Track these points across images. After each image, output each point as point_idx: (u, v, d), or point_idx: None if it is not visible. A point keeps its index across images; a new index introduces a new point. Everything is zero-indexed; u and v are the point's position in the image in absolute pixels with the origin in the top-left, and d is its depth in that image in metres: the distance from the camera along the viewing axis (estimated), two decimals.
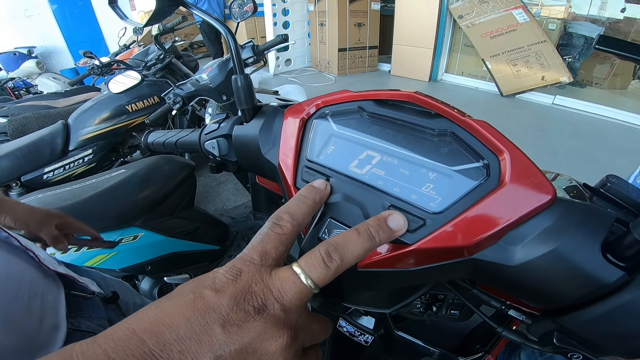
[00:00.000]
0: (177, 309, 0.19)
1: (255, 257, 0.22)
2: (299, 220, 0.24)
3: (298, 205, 0.25)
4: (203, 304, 0.19)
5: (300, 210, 0.25)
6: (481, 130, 0.24)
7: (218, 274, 0.21)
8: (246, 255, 0.22)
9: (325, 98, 0.33)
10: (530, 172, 0.22)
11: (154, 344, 0.17)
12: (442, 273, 0.26)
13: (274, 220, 0.24)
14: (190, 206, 1.35)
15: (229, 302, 0.20)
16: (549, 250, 0.21)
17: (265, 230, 0.24)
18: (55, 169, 1.71)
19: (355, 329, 0.59)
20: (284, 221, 0.24)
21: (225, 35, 0.38)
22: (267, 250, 0.22)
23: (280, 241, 0.23)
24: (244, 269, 0.21)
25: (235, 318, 0.19)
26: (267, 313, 0.20)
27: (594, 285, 0.20)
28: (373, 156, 0.28)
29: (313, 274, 0.21)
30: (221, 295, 0.20)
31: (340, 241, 0.22)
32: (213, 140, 0.43)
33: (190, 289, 0.21)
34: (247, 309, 0.20)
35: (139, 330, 0.18)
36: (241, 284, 0.21)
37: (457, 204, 0.24)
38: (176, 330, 0.18)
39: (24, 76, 4.08)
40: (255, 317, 0.19)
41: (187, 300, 0.20)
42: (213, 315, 0.19)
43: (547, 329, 0.25)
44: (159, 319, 0.19)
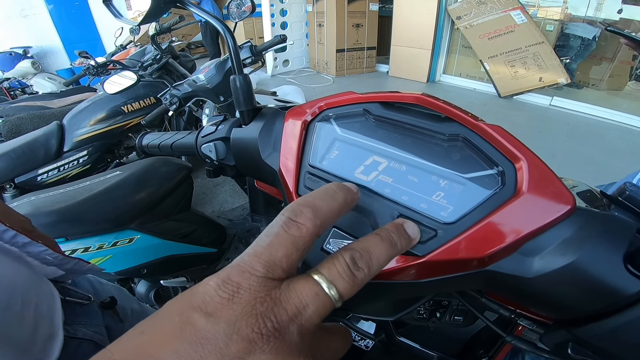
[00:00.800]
0: (163, 337, 0.16)
1: (258, 268, 0.17)
2: (323, 219, 0.19)
3: (325, 199, 0.19)
4: (193, 332, 0.16)
5: (328, 206, 0.19)
6: (495, 136, 0.23)
7: (209, 289, 0.17)
8: (246, 264, 0.17)
9: (329, 100, 0.32)
10: (549, 181, 0.21)
11: None
12: (453, 284, 0.25)
13: (289, 215, 0.18)
14: (187, 208, 1.33)
15: (226, 330, 0.15)
16: (569, 262, 0.20)
17: (275, 230, 0.18)
18: (50, 171, 1.69)
19: (355, 334, 0.58)
20: (303, 217, 0.18)
21: (224, 35, 0.37)
22: (276, 259, 0.17)
23: (295, 246, 0.18)
24: (243, 284, 0.17)
25: (235, 350, 0.15)
26: (279, 340, 0.16)
27: (614, 297, 0.20)
28: (380, 162, 0.27)
29: (339, 284, 0.17)
30: (215, 322, 0.16)
31: (365, 247, 0.19)
32: (210, 144, 0.42)
33: (177, 311, 0.17)
34: (251, 337, 0.15)
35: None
36: (240, 304, 0.16)
37: (471, 214, 0.22)
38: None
39: (20, 76, 4.05)
40: (262, 346, 0.15)
41: (173, 325, 0.16)
42: (207, 348, 0.15)
43: (561, 339, 0.24)
44: (143, 348, 0.16)
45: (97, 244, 1.06)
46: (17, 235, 0.41)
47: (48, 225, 0.99)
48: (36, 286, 0.44)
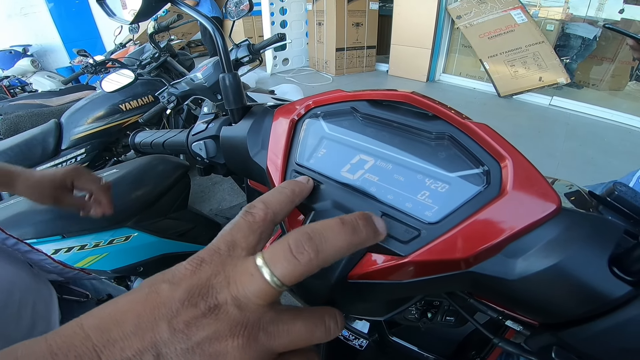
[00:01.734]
0: (130, 304, 0.18)
1: (222, 247, 0.20)
2: (274, 209, 0.22)
3: (274, 194, 0.24)
4: (155, 298, 0.18)
5: (276, 199, 0.23)
6: (481, 134, 0.23)
7: (180, 265, 0.20)
8: (213, 245, 0.21)
9: (317, 98, 0.31)
10: (534, 180, 0.21)
11: (98, 339, 0.16)
12: (437, 285, 0.25)
13: (246, 209, 0.22)
14: (184, 207, 1.33)
15: (181, 297, 0.18)
16: (553, 264, 0.20)
17: (236, 220, 0.22)
18: (47, 168, 1.69)
19: (349, 333, 0.58)
20: (256, 209, 0.22)
21: (212, 33, 0.36)
22: (236, 239, 0.20)
23: (250, 229, 0.21)
24: (207, 259, 0.19)
25: (184, 315, 0.17)
26: (219, 310, 0.18)
27: (599, 300, 0.19)
28: (366, 160, 0.27)
29: (279, 268, 0.18)
30: (175, 289, 0.18)
31: (317, 229, 0.19)
32: (200, 142, 0.42)
33: (149, 283, 0.19)
34: (198, 305, 0.18)
35: (88, 326, 0.17)
36: (199, 276, 0.19)
37: (455, 214, 0.22)
38: (123, 327, 0.17)
39: (19, 74, 4.04)
40: (206, 314, 0.17)
41: (141, 295, 0.18)
42: (162, 311, 0.17)
43: (545, 342, 0.24)
44: (111, 314, 0.18)
45: (93, 242, 1.06)
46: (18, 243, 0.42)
47: (44, 223, 0.99)
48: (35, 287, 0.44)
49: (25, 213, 1.00)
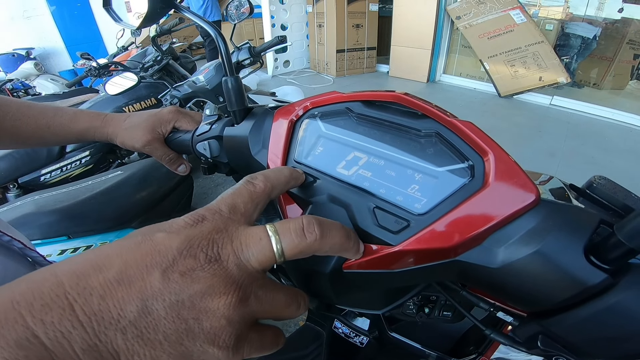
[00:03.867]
0: (117, 250, 0.17)
1: (223, 208, 0.20)
2: (273, 184, 0.24)
3: (274, 171, 0.25)
4: (149, 245, 0.17)
5: (276, 176, 0.25)
6: (466, 131, 0.24)
7: (178, 218, 0.19)
8: (213, 206, 0.21)
9: (314, 99, 0.33)
10: (513, 173, 0.22)
11: (71, 286, 0.15)
12: (428, 275, 0.26)
13: (248, 179, 0.23)
14: (188, 208, 1.35)
15: (179, 245, 0.17)
16: (532, 252, 0.21)
17: (237, 186, 0.23)
18: (53, 171, 1.71)
19: (350, 330, 0.59)
20: (257, 180, 0.23)
21: (214, 37, 0.38)
22: (237, 203, 0.21)
23: (250, 198, 0.22)
24: (208, 217, 0.19)
25: (181, 265, 0.17)
26: (218, 264, 0.17)
27: (577, 287, 0.20)
28: (360, 157, 0.28)
29: (287, 240, 0.19)
30: (173, 237, 0.17)
31: (325, 221, 0.21)
32: (204, 142, 0.43)
33: (142, 232, 0.18)
34: (197, 256, 0.17)
35: (62, 272, 0.15)
36: (201, 229, 0.18)
37: (441, 205, 0.24)
38: (105, 273, 0.16)
39: (22, 77, 4.08)
40: (204, 266, 0.17)
41: (132, 242, 0.17)
42: (156, 259, 0.16)
43: (532, 331, 0.25)
44: (91, 260, 0.16)
45: (98, 243, 1.08)
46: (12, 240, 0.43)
47: (51, 224, 1.01)
48: None
49: (32, 214, 1.01)
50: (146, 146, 0.49)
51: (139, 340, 0.15)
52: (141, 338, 0.15)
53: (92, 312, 0.15)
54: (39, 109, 0.49)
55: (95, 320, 0.15)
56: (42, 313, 0.14)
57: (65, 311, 0.14)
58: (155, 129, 0.49)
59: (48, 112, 0.49)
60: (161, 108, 0.52)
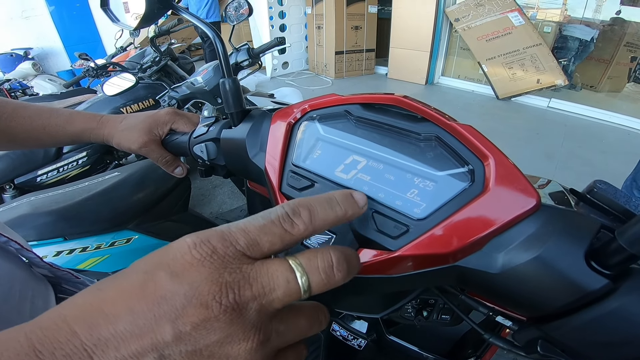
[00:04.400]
0: (119, 294, 0.15)
1: (240, 242, 0.17)
2: (315, 227, 0.19)
3: (325, 208, 0.20)
4: (153, 290, 0.15)
5: (325, 215, 0.19)
6: (466, 135, 0.24)
7: (183, 246, 0.17)
8: (231, 234, 0.17)
9: (313, 102, 0.33)
10: (514, 178, 0.22)
11: (86, 337, 0.14)
12: (427, 280, 0.26)
13: (288, 211, 0.19)
14: (185, 209, 1.34)
15: (187, 292, 0.15)
16: (532, 258, 0.21)
17: (271, 217, 0.18)
18: (49, 172, 1.70)
19: (348, 333, 0.59)
20: (299, 219, 0.18)
21: (212, 39, 0.38)
22: (261, 241, 0.17)
23: (281, 240, 0.18)
24: (219, 251, 0.16)
25: (191, 315, 0.15)
26: (236, 313, 0.16)
27: (577, 293, 0.20)
28: (359, 161, 0.28)
29: (315, 279, 0.17)
30: (179, 282, 0.15)
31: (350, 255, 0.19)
32: (202, 144, 0.43)
33: (143, 268, 0.16)
34: (209, 305, 0.15)
35: (71, 318, 0.15)
36: (209, 269, 0.16)
37: (441, 210, 0.23)
38: (114, 323, 0.15)
39: (20, 78, 4.06)
40: (218, 316, 0.15)
41: (134, 282, 0.16)
42: (164, 308, 0.15)
43: (531, 336, 0.25)
44: (95, 305, 0.15)
45: (95, 244, 1.07)
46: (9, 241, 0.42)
47: (47, 225, 1.00)
48: (32, 281, 0.44)
49: (27, 215, 1.01)
50: (142, 148, 0.49)
51: None
52: None
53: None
54: (35, 110, 0.49)
55: None
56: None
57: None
58: (152, 131, 0.49)
59: (44, 113, 0.49)
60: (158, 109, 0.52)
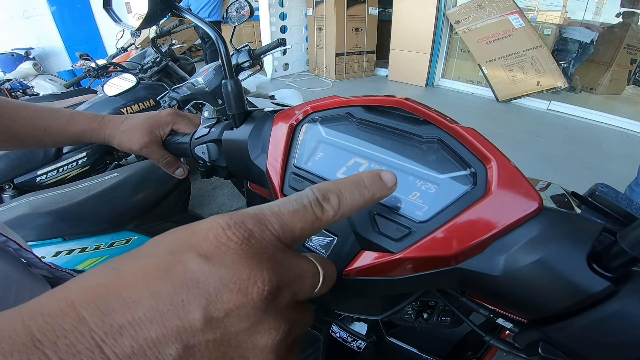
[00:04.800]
0: (141, 276, 0.14)
1: (275, 226, 0.16)
2: (344, 212, 0.19)
3: (353, 193, 0.19)
4: (182, 273, 0.14)
5: (353, 200, 0.19)
6: (469, 138, 0.24)
7: (216, 227, 0.15)
8: (265, 217, 0.16)
9: (315, 103, 0.33)
10: (516, 181, 0.22)
11: (97, 324, 0.12)
12: (428, 282, 0.26)
13: (319, 196, 0.18)
14: (185, 210, 1.34)
15: (223, 276, 0.14)
16: (534, 261, 0.21)
17: (304, 202, 0.18)
18: (49, 172, 1.70)
19: (348, 335, 0.59)
20: (329, 205, 0.18)
21: (215, 40, 0.38)
22: (294, 227, 0.17)
23: (312, 225, 0.18)
24: (256, 234, 0.16)
25: (227, 300, 0.14)
26: (273, 303, 0.15)
27: (579, 295, 0.20)
28: (361, 163, 0.28)
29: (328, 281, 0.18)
30: (213, 265, 0.14)
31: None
32: (203, 145, 0.43)
33: (168, 248, 0.15)
34: (250, 291, 0.14)
35: (80, 302, 0.13)
36: (249, 253, 0.15)
37: (443, 213, 0.23)
38: (134, 309, 0.13)
39: (21, 77, 4.06)
40: (257, 303, 0.14)
41: (159, 264, 0.14)
42: (195, 292, 0.13)
43: (532, 338, 0.25)
44: (111, 288, 0.13)
45: (94, 245, 1.07)
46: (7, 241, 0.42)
47: (46, 225, 1.00)
48: (30, 282, 0.44)
49: (27, 215, 1.01)
50: (143, 149, 0.49)
51: None
52: None
53: (125, 354, 0.12)
54: (36, 110, 0.49)
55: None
56: (69, 355, 0.12)
57: (94, 354, 0.12)
58: (153, 132, 0.49)
59: (45, 114, 0.49)
60: (159, 110, 0.52)
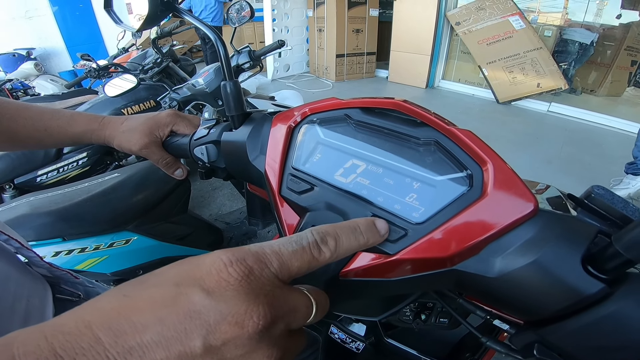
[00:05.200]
0: (149, 304, 0.16)
1: (274, 264, 0.18)
2: (340, 254, 0.21)
3: (349, 237, 0.22)
4: (186, 304, 0.16)
5: (349, 243, 0.22)
6: (465, 140, 0.24)
7: (218, 263, 0.17)
8: (265, 256, 0.18)
9: (313, 105, 0.33)
10: (512, 183, 0.22)
11: (111, 344, 0.14)
12: (424, 283, 0.26)
13: (317, 239, 0.20)
14: (184, 211, 1.34)
15: (223, 310, 0.16)
16: (529, 262, 0.21)
17: (303, 243, 0.20)
18: (49, 172, 1.70)
19: (346, 336, 0.59)
20: (326, 247, 0.20)
21: (214, 42, 0.38)
22: (291, 266, 0.19)
23: (308, 265, 0.20)
24: (255, 272, 0.17)
25: (224, 331, 0.15)
26: (268, 335, 0.17)
27: (574, 297, 0.20)
28: (358, 165, 0.28)
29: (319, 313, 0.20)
30: (214, 299, 0.16)
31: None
32: (202, 147, 0.43)
33: (174, 280, 0.17)
34: (246, 324, 0.16)
35: (96, 324, 0.15)
36: (247, 290, 0.16)
37: (439, 215, 0.24)
38: (142, 333, 0.15)
39: (22, 78, 4.07)
40: (252, 336, 0.16)
41: (165, 294, 0.16)
42: (196, 322, 0.15)
43: (528, 340, 0.25)
44: (123, 313, 0.15)
45: (93, 245, 1.07)
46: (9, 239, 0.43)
47: (46, 225, 1.00)
48: (29, 281, 0.44)
49: (26, 215, 1.01)
50: (143, 149, 0.49)
51: None
52: None
53: None
54: (37, 111, 0.49)
55: None
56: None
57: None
58: (153, 133, 0.49)
59: (45, 114, 0.49)
60: (159, 111, 0.52)
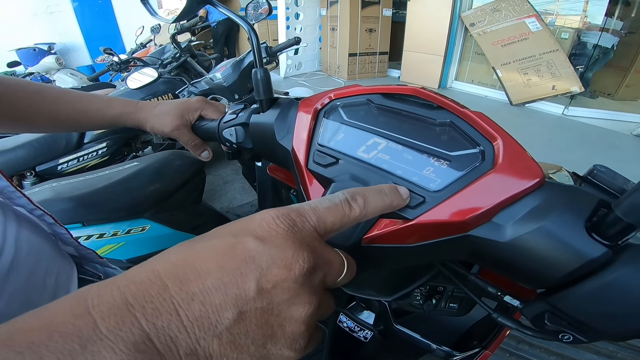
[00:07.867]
0: (211, 253, 0.17)
1: (313, 219, 0.20)
2: (369, 212, 0.23)
3: (375, 197, 0.24)
4: (243, 252, 0.17)
5: (375, 203, 0.23)
6: (478, 120, 0.27)
7: (267, 217, 0.19)
8: (303, 210, 0.20)
9: (338, 91, 0.35)
10: (520, 157, 0.25)
11: (176, 291, 0.15)
12: (441, 250, 0.28)
13: (348, 197, 0.22)
14: (199, 201, 1.37)
15: (273, 255, 0.17)
16: (536, 228, 0.23)
17: (335, 201, 0.22)
18: (70, 161, 1.76)
19: (355, 325, 0.60)
20: (356, 204, 0.22)
21: (248, 33, 0.41)
22: (326, 221, 0.21)
23: (341, 221, 0.21)
24: (298, 224, 0.19)
25: (275, 275, 0.17)
26: (309, 280, 0.18)
27: (579, 260, 0.22)
28: (379, 142, 0.31)
29: (347, 276, 0.21)
30: (266, 245, 0.18)
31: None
32: (231, 128, 0.46)
33: (231, 232, 0.19)
34: (293, 267, 0.17)
35: (164, 273, 0.16)
36: (293, 238, 0.18)
37: (454, 184, 0.26)
38: (204, 279, 0.16)
39: (43, 71, 4.18)
40: (297, 279, 0.17)
41: (225, 244, 0.18)
42: (251, 266, 0.17)
43: (538, 310, 0.27)
44: (188, 262, 0.17)
45: (111, 231, 1.11)
46: (44, 215, 0.45)
47: (66, 211, 1.05)
48: (59, 258, 0.47)
49: (50, 200, 1.05)
50: (174, 131, 0.52)
51: (231, 345, 0.16)
52: (233, 343, 0.16)
53: (194, 317, 0.15)
54: (76, 95, 0.52)
55: (197, 325, 0.15)
56: (154, 317, 0.15)
57: (172, 316, 0.15)
58: (184, 116, 0.52)
59: (84, 98, 0.53)
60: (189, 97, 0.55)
